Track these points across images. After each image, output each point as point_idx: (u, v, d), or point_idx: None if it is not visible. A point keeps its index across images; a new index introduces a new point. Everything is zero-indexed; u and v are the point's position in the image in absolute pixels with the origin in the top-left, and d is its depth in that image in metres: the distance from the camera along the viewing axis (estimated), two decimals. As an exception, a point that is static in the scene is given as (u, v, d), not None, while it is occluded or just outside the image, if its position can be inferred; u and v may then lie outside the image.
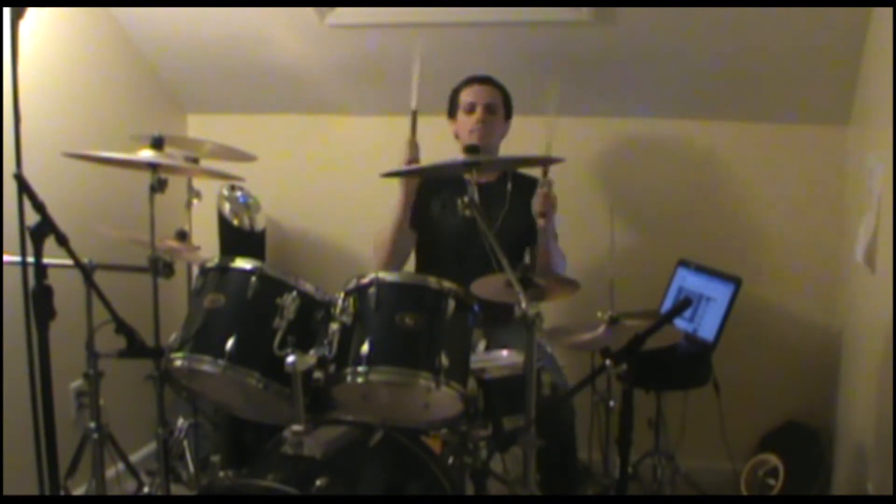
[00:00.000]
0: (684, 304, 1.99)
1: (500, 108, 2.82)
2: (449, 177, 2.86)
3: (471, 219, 1.99)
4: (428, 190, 2.89)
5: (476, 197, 1.99)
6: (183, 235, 2.59)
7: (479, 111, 2.78)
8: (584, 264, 3.03)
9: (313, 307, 2.06)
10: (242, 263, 2.07)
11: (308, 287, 2.07)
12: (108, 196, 3.02)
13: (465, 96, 2.82)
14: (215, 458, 2.40)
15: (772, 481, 2.93)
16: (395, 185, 2.89)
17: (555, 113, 2.70)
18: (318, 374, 2.00)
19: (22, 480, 2.30)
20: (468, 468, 2.14)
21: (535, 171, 2.91)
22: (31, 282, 1.93)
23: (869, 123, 2.75)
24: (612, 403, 2.60)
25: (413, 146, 2.72)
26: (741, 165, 3.22)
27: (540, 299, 2.10)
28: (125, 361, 2.21)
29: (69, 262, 2.05)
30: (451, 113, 2.87)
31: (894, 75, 2.24)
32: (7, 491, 2.53)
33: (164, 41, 3.22)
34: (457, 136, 2.85)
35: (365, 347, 1.93)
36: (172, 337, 2.07)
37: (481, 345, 2.34)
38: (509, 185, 2.84)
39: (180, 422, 2.82)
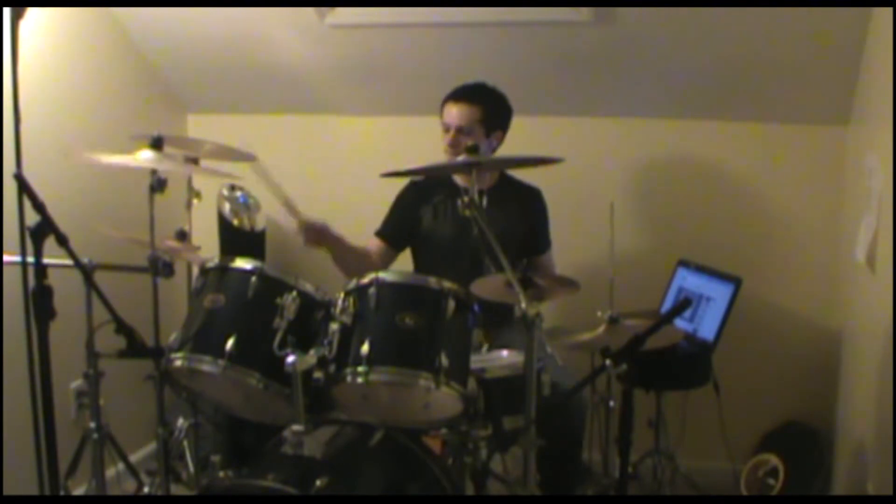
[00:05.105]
0: (684, 304, 1.99)
1: (476, 127, 2.71)
2: (438, 183, 2.85)
3: (465, 226, 1.98)
4: (417, 200, 2.87)
5: (476, 197, 1.98)
6: (183, 235, 2.58)
7: (451, 133, 2.73)
8: (584, 264, 3.03)
9: (313, 307, 2.06)
10: (242, 263, 2.08)
11: (308, 287, 2.07)
12: (108, 196, 3.02)
13: (443, 115, 2.76)
14: (215, 458, 2.41)
15: (772, 481, 2.93)
16: (395, 184, 2.88)
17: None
18: (318, 374, 2.00)
19: (22, 480, 2.31)
20: (468, 468, 2.14)
21: (532, 176, 2.91)
22: (31, 282, 1.93)
23: (869, 123, 2.74)
24: (612, 403, 2.60)
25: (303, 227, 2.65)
26: (741, 165, 3.21)
27: (540, 299, 2.10)
28: (125, 361, 2.20)
29: (69, 262, 2.05)
30: None
31: (894, 75, 2.24)
32: (7, 491, 2.53)
33: (164, 41, 3.22)
34: None
35: (365, 347, 1.93)
36: (172, 337, 2.07)
37: (484, 347, 2.34)
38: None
39: (180, 422, 2.81)
